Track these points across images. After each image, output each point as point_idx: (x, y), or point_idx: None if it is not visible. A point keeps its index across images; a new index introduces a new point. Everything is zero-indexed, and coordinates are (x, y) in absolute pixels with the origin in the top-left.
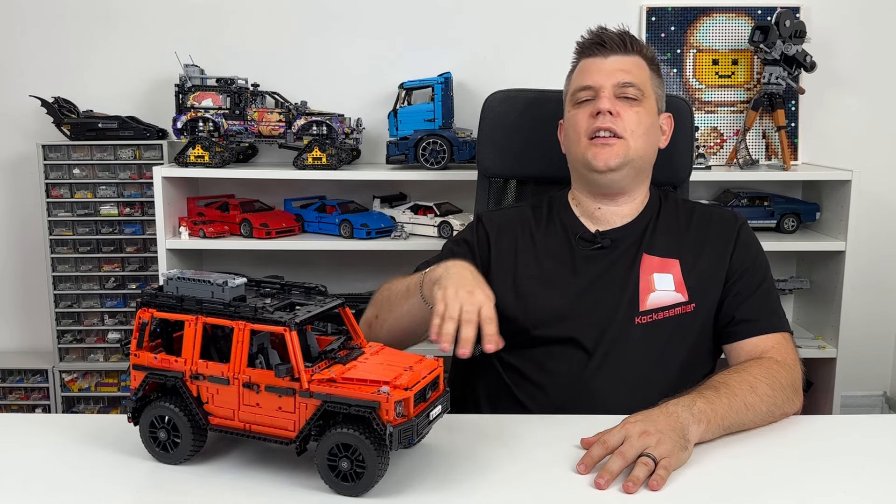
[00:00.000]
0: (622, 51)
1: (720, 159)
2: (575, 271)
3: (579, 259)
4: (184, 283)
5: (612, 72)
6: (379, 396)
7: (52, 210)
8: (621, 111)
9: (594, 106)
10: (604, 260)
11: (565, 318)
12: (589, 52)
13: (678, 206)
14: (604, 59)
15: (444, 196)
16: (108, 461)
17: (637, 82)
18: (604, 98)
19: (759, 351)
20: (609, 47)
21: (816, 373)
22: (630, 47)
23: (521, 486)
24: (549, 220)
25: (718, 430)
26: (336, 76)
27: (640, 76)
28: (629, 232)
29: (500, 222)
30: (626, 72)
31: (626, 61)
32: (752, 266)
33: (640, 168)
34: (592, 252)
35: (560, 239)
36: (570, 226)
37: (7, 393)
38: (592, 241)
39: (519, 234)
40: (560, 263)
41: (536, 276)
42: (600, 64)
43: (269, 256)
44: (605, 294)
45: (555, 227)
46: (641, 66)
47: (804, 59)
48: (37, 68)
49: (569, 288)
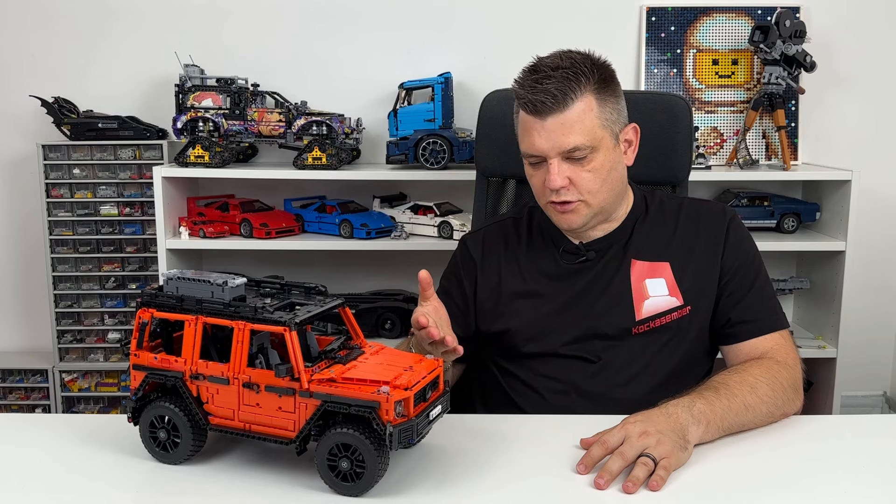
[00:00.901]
0: (559, 106)
1: (720, 159)
2: (561, 285)
3: (564, 272)
4: (184, 283)
5: (553, 137)
6: (379, 396)
7: (52, 210)
8: (573, 176)
9: (545, 177)
10: (590, 271)
11: (554, 331)
12: (528, 109)
13: (664, 205)
14: (542, 122)
15: (444, 196)
16: (108, 461)
17: (582, 142)
18: (553, 174)
19: (758, 352)
20: (547, 108)
21: (816, 373)
22: (567, 96)
23: (521, 486)
24: (530, 233)
25: (718, 430)
26: (336, 76)
27: (585, 129)
28: (614, 240)
29: (485, 241)
30: (568, 134)
31: (567, 119)
32: (744, 263)
33: (609, 210)
34: (577, 265)
35: (543, 252)
36: (554, 238)
37: (7, 393)
38: (577, 254)
39: (503, 251)
40: (545, 277)
41: (522, 291)
42: (539, 128)
43: (269, 256)
44: (595, 305)
45: (537, 241)
46: (586, 112)
47: (804, 59)
48: (37, 68)
49: (556, 302)
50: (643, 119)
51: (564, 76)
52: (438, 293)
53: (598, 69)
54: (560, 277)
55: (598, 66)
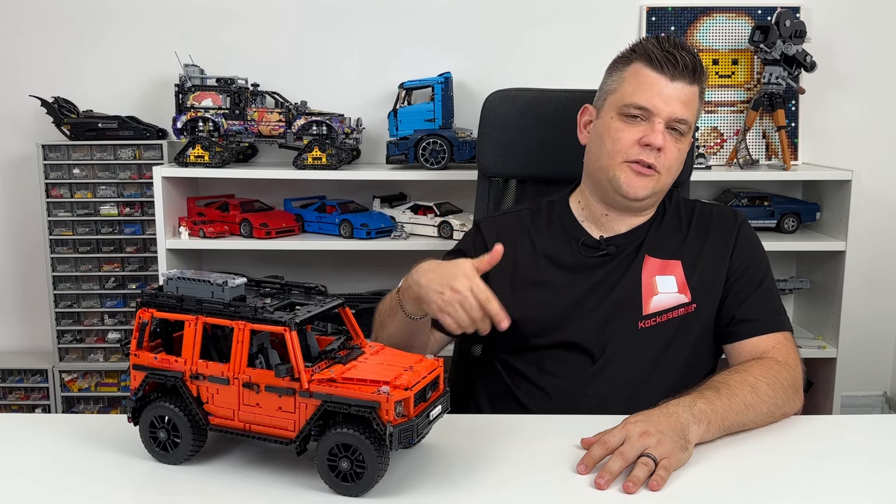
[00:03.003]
0: (688, 80)
1: (720, 159)
2: (576, 277)
3: (582, 265)
4: (184, 283)
5: (673, 101)
6: (379, 396)
7: (52, 210)
8: (667, 147)
9: (645, 135)
10: (607, 265)
11: (565, 323)
12: (655, 65)
13: (680, 206)
14: (669, 83)
15: (444, 196)
16: (108, 461)
17: (690, 120)
18: (658, 132)
19: (759, 351)
20: (679, 72)
21: (816, 373)
22: (696, 78)
23: (521, 486)
24: (549, 224)
25: (719, 430)
26: (336, 76)
27: (693, 111)
28: (635, 236)
29: (499, 228)
30: (686, 106)
31: (688, 92)
32: (752, 265)
33: (663, 195)
34: (597, 259)
35: (561, 244)
36: (573, 231)
37: (7, 393)
38: (597, 248)
39: (518, 240)
40: (560, 269)
41: (536, 281)
42: (664, 87)
43: (269, 256)
44: (606, 298)
45: (556, 232)
46: (697, 98)
47: (804, 59)
48: (36, 68)
49: (569, 293)
50: None
51: (700, 64)
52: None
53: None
54: (576, 270)
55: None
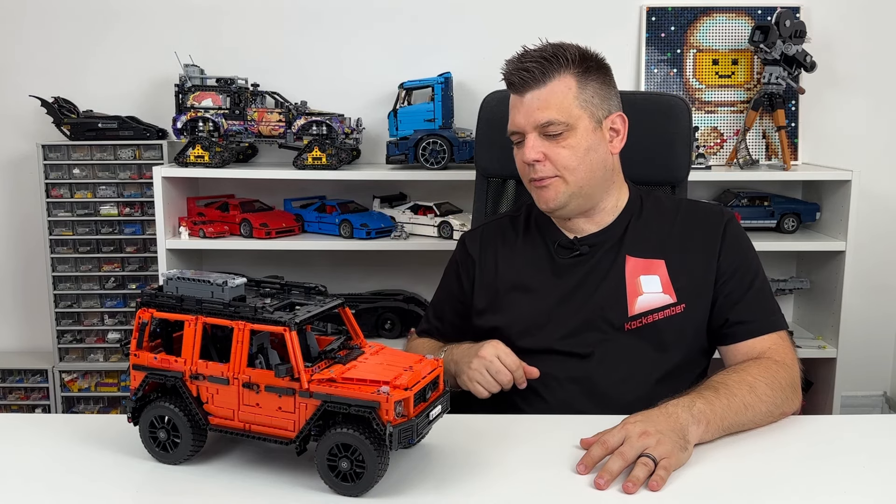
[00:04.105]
0: (537, 83)
1: (720, 159)
2: (556, 279)
3: (559, 267)
4: (184, 283)
5: (530, 112)
6: (379, 396)
7: (52, 210)
8: (548, 152)
9: (523, 153)
10: (584, 265)
11: (547, 325)
12: (512, 87)
13: (661, 205)
14: (521, 98)
15: (444, 196)
16: (108, 461)
17: (557, 117)
18: (528, 148)
19: (756, 352)
20: (525, 83)
21: (816, 373)
22: (545, 74)
23: (521, 486)
24: (527, 228)
25: (718, 430)
26: (336, 76)
27: (561, 106)
28: (608, 235)
29: (482, 238)
30: (544, 108)
31: (543, 94)
32: (742, 264)
33: (589, 194)
34: (572, 259)
35: (539, 247)
36: (549, 233)
37: (7, 393)
38: (571, 249)
39: (499, 246)
40: (540, 272)
41: (517, 286)
42: (519, 104)
43: (269, 256)
44: (589, 300)
45: (533, 236)
46: (563, 91)
47: (804, 59)
48: (36, 68)
49: (550, 296)
50: (642, 120)
51: (545, 57)
52: (440, 291)
53: (586, 58)
54: (555, 272)
55: (586, 55)
